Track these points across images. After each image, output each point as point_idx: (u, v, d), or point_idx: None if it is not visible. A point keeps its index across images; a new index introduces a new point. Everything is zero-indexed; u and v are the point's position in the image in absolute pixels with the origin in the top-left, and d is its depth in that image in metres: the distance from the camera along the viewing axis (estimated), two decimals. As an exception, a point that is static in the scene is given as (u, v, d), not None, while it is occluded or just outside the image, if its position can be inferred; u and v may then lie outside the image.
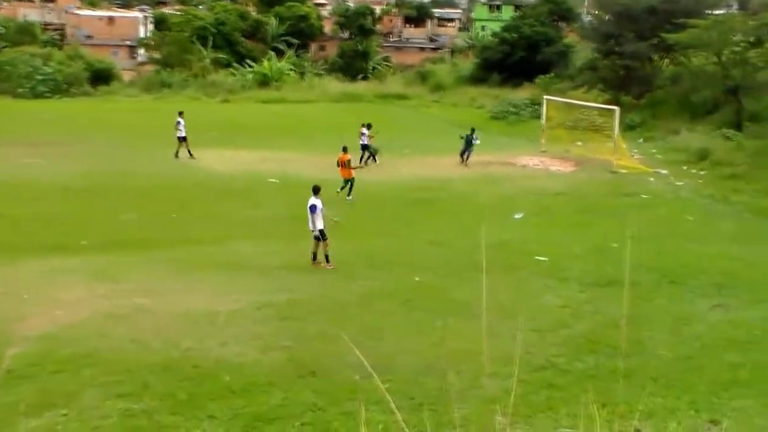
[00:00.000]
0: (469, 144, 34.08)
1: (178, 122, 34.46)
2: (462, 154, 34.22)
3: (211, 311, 16.11)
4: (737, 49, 40.01)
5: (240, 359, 13.68)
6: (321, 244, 19.41)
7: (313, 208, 19.27)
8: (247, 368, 13.28)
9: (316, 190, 19.59)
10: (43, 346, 14.12)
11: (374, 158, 33.96)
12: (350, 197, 27.32)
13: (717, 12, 49.04)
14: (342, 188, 27.46)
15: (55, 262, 19.52)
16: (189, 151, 34.41)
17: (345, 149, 27.65)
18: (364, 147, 33.73)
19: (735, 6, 58.33)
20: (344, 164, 27.42)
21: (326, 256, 19.43)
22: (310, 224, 19.40)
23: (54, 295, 16.97)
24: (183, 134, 34.42)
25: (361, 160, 33.07)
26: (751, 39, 40.22)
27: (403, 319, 15.86)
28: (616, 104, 39.48)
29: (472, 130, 34.52)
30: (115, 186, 28.88)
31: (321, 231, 19.29)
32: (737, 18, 45.07)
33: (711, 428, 10.53)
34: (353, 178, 27.53)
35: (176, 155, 34.48)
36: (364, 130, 33.98)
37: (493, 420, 4.64)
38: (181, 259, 20.11)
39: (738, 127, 38.48)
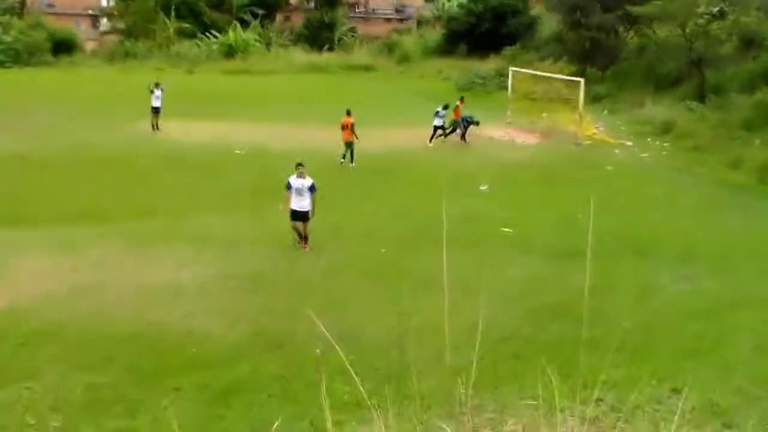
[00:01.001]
0: (466, 123, 33.75)
1: (152, 91, 33.95)
2: (463, 135, 33.81)
3: (176, 284, 16.05)
4: (701, 21, 40.22)
5: (206, 332, 13.66)
6: (298, 224, 18.28)
7: (288, 185, 18.26)
8: (213, 341, 13.26)
9: (296, 166, 18.38)
10: (6, 320, 14.01)
11: (459, 135, 33.41)
12: (353, 164, 28.10)
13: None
14: (344, 156, 28.16)
15: (14, 235, 19.29)
16: (156, 125, 33.95)
17: (349, 112, 28.29)
18: (438, 127, 33.13)
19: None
20: (348, 127, 27.99)
21: (305, 237, 18.36)
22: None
23: (15, 269, 16.81)
24: (155, 104, 33.89)
25: (444, 136, 33.28)
26: (714, 11, 40.45)
27: (368, 292, 15.88)
28: (582, 76, 39.58)
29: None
30: (77, 158, 28.47)
31: (292, 211, 18.16)
32: (701, -10, 45.27)
33: (672, 397, 10.67)
34: (353, 143, 28.08)
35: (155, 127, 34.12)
36: (441, 110, 33.19)
37: (457, 390, 4.66)
38: (144, 232, 19.95)
39: (701, 99, 38.76)
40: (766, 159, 27.79)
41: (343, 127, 28.05)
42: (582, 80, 35.78)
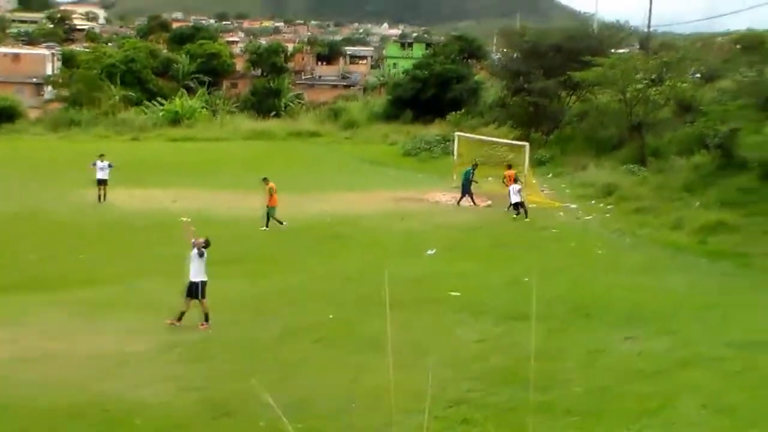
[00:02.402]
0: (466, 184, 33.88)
1: (94, 163, 33.21)
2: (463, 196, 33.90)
3: (122, 353, 15.78)
4: (639, 87, 41.28)
5: (152, 402, 13.40)
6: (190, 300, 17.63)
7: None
8: (159, 411, 13.01)
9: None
10: (-55, 393, 13.62)
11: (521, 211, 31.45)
12: (266, 228, 28.15)
13: (620, 51, 50.54)
14: (280, 222, 28.28)
15: (-44, 306, 18.86)
16: (102, 196, 33.21)
17: (266, 179, 28.62)
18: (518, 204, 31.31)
19: (636, 46, 60.19)
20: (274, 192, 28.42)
21: (205, 315, 17.68)
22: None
23: (-44, 340, 16.41)
24: (101, 176, 33.12)
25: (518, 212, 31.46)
26: (652, 77, 41.57)
27: (317, 356, 15.76)
28: (526, 140, 40.24)
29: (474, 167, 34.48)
30: (20, 226, 28.08)
31: (191, 284, 17.59)
32: (639, 57, 46.53)
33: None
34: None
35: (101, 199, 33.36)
36: (517, 186, 31.49)
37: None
38: (89, 300, 19.64)
39: (642, 162, 39.56)
40: (706, 220, 28.33)
41: (275, 192, 28.41)
42: (527, 144, 36.31)
